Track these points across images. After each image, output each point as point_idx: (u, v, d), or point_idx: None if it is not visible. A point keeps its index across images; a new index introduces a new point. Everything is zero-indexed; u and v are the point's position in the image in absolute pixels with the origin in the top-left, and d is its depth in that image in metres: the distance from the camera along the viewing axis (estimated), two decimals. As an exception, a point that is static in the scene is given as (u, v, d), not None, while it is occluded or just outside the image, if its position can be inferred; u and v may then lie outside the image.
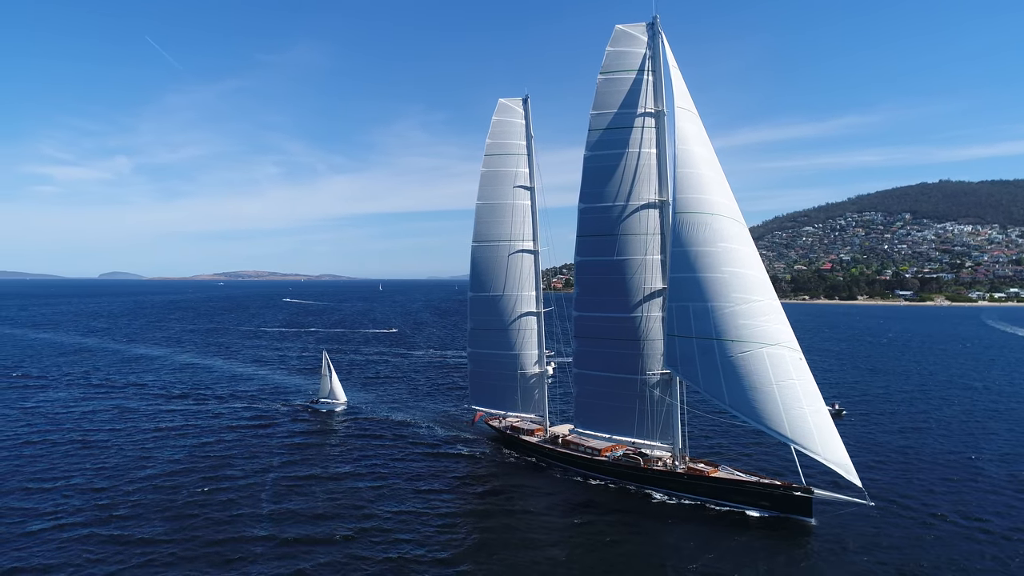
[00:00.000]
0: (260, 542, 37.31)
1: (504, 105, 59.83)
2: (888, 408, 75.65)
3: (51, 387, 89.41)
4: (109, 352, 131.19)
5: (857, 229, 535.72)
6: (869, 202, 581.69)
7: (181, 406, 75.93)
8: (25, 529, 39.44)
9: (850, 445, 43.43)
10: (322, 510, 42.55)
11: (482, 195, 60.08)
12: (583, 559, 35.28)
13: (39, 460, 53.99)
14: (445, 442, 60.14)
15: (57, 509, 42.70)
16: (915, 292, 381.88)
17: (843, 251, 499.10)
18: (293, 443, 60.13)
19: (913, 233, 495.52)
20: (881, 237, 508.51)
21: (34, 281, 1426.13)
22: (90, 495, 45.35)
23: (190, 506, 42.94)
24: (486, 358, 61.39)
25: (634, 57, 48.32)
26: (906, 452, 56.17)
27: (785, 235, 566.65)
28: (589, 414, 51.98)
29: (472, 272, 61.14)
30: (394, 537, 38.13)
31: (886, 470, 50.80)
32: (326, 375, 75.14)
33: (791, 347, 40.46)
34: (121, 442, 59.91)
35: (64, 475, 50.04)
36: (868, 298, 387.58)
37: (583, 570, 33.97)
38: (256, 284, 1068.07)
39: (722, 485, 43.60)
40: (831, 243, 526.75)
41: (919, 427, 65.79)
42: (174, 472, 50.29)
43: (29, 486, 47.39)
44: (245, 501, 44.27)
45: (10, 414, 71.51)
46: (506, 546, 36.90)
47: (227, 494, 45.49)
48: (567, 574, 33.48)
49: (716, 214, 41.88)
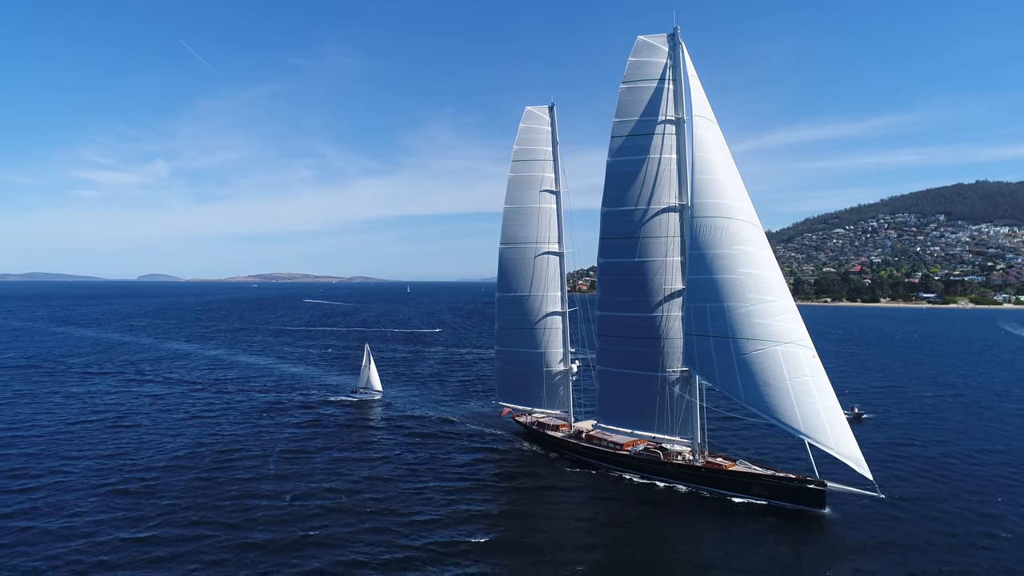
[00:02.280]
0: (286, 514, 40.60)
1: (531, 112, 62.25)
2: (908, 411, 76.30)
3: (95, 377, 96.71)
4: (147, 348, 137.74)
5: (889, 231, 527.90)
6: (902, 203, 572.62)
7: (223, 395, 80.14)
8: (70, 487, 46.60)
9: (868, 447, 44.85)
10: (352, 492, 45.63)
11: (509, 199, 62.55)
12: (605, 546, 37.12)
13: (83, 434, 62.53)
14: (473, 436, 62.67)
15: (95, 477, 48.85)
16: (938, 294, 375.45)
17: (874, 253, 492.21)
18: (331, 429, 64.73)
19: (947, 235, 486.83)
20: (914, 239, 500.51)
21: (76, 282, 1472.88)
22: (126, 470, 49.88)
23: (212, 476, 47.51)
24: (513, 356, 63.80)
25: (655, 67, 50.36)
26: (922, 452, 57.23)
27: (815, 237, 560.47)
28: (612, 410, 54.00)
29: (500, 273, 63.64)
30: (422, 522, 40.52)
31: (901, 468, 51.92)
32: (366, 366, 79.04)
33: (804, 345, 42.16)
34: (163, 424, 66.39)
35: (103, 447, 57.61)
36: (891, 300, 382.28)
37: (605, 556, 35.83)
38: (289, 286, 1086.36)
39: (739, 478, 45.28)
40: (862, 245, 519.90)
41: (937, 428, 66.59)
42: (217, 451, 54.67)
43: (75, 454, 55.16)
44: (278, 477, 48.11)
45: (58, 399, 79.42)
46: (531, 534, 38.92)
47: (254, 471, 49.76)
48: (590, 560, 35.27)
49: (732, 218, 43.78)
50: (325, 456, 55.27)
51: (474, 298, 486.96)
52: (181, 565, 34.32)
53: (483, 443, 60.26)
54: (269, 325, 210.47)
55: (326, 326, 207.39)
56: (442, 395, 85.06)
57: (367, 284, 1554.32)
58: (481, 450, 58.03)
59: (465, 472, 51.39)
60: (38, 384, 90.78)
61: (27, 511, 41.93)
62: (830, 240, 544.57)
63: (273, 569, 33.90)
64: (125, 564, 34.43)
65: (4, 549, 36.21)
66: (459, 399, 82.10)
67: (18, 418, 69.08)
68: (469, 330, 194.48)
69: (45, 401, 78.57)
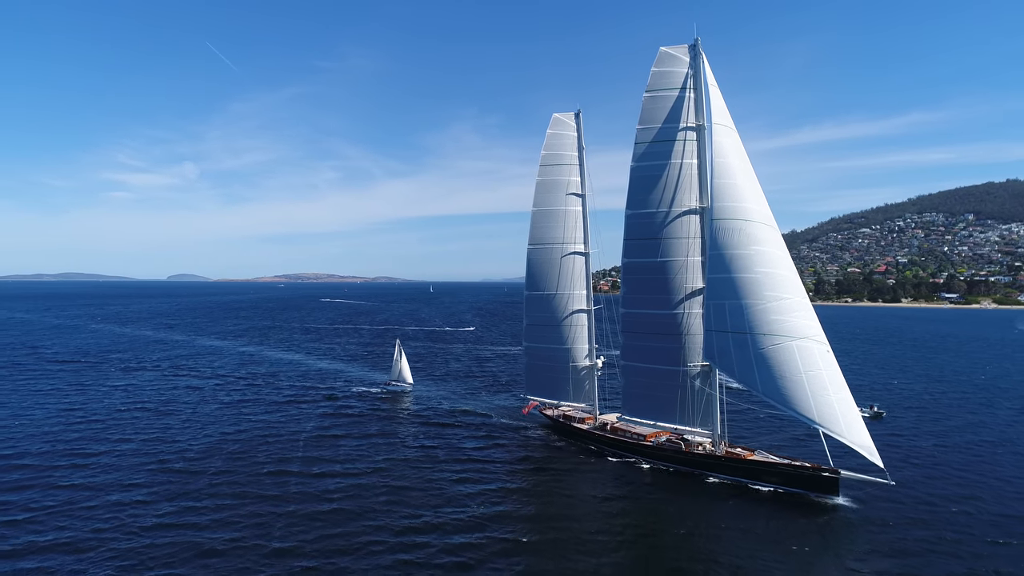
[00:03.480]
0: (316, 491, 44.40)
1: (558, 119, 65.18)
2: (926, 408, 77.89)
3: (135, 371, 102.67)
4: (181, 344, 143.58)
5: (916, 230, 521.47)
6: (930, 202, 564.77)
7: (256, 387, 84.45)
8: (120, 465, 52.25)
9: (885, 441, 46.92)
10: (383, 478, 49.16)
11: (537, 202, 65.54)
12: (630, 530, 39.59)
13: (129, 421, 67.99)
14: (501, 428, 65.75)
15: (142, 456, 54.38)
16: (961, 295, 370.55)
17: (900, 253, 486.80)
18: (363, 417, 69.51)
19: (975, 235, 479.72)
20: (941, 239, 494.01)
21: (108, 282, 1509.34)
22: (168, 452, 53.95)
23: (248, 455, 52.61)
24: (540, 352, 66.76)
25: (677, 76, 53.01)
26: (937, 447, 59.14)
27: (840, 237, 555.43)
28: (635, 403, 56.69)
29: (528, 272, 66.67)
30: (452, 508, 43.34)
31: (915, 463, 53.94)
32: (397, 360, 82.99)
33: (819, 340, 44.59)
34: (201, 412, 72.09)
35: (148, 432, 63.33)
36: (912, 301, 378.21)
37: (629, 539, 38.29)
38: (315, 286, 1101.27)
39: (757, 467, 47.70)
40: (888, 245, 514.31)
41: (957, 427, 68.25)
42: (253, 435, 58.96)
43: (124, 437, 60.96)
44: (313, 459, 53.06)
45: (104, 390, 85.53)
46: (559, 518, 41.53)
47: (286, 452, 54.24)
48: (615, 543, 37.66)
49: (750, 220, 46.36)
50: (361, 441, 59.69)
51: (495, 298, 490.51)
52: (222, 530, 38.73)
53: (511, 434, 63.26)
54: (295, 323, 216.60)
55: (350, 324, 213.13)
56: (470, 389, 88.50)
57: (391, 284, 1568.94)
58: (510, 441, 61.00)
59: (494, 460, 54.46)
60: (85, 376, 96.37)
61: (86, 484, 47.07)
62: (855, 240, 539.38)
63: (303, 532, 38.30)
64: (172, 527, 39.19)
65: (66, 514, 41.01)
66: (487, 393, 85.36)
67: (72, 406, 74.52)
68: (490, 328, 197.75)
69: (93, 391, 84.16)
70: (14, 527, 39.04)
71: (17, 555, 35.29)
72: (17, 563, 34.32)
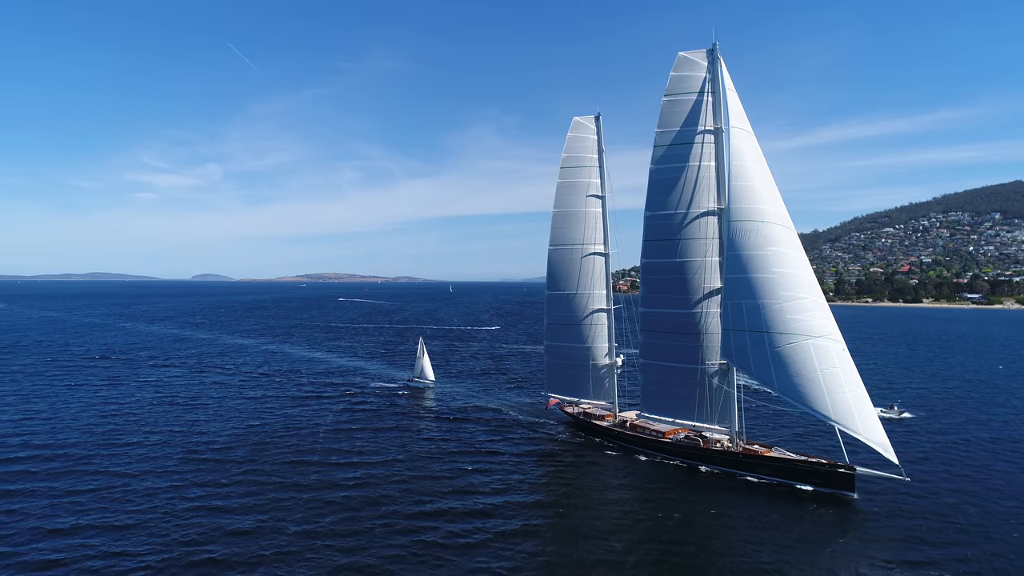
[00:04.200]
0: (344, 480, 46.28)
1: (578, 123, 66.49)
2: (945, 408, 78.02)
3: (163, 367, 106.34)
4: (207, 342, 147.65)
5: (941, 230, 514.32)
6: (956, 201, 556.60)
7: (279, 383, 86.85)
8: (153, 454, 55.40)
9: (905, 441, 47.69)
10: (404, 468, 51.27)
11: (558, 203, 66.91)
12: (648, 525, 40.67)
13: (160, 413, 71.54)
14: (522, 424, 67.20)
15: (173, 446, 56.91)
16: (983, 295, 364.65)
17: (924, 253, 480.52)
18: (386, 411, 72.42)
19: (1002, 234, 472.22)
20: (967, 238, 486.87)
21: (134, 282, 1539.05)
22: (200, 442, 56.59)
23: (273, 442, 54.35)
24: (561, 350, 68.10)
25: (695, 81, 54.10)
26: (954, 445, 59.56)
27: (863, 236, 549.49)
28: (654, 400, 57.85)
29: (549, 272, 68.07)
30: (471, 497, 45.00)
31: (932, 460, 54.48)
32: (420, 357, 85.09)
33: (834, 339, 45.46)
34: (226, 405, 75.19)
35: (177, 423, 66.64)
36: (933, 301, 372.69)
37: (648, 533, 39.29)
38: (336, 286, 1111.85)
39: (774, 463, 48.58)
40: (912, 245, 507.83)
41: (973, 425, 68.48)
42: (276, 426, 61.40)
43: (156, 428, 64.32)
44: (333, 450, 55.79)
45: (136, 384, 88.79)
46: (579, 512, 42.78)
47: (309, 442, 55.76)
48: (633, 537, 38.74)
49: (766, 221, 47.36)
50: (381, 434, 62.36)
51: (513, 298, 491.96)
52: (246, 513, 41.62)
53: (532, 430, 64.71)
54: (317, 322, 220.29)
55: (369, 323, 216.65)
56: (491, 386, 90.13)
57: (411, 284, 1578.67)
58: (530, 436, 62.44)
59: (514, 454, 55.94)
60: (117, 372, 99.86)
61: (121, 471, 50.03)
62: (879, 240, 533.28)
63: (322, 515, 41.05)
64: (201, 509, 42.20)
65: (105, 498, 44.17)
66: (508, 390, 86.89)
67: (106, 400, 77.88)
68: (510, 328, 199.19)
69: (125, 386, 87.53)
70: (58, 508, 41.95)
71: (62, 534, 38.03)
72: (63, 540, 37.07)
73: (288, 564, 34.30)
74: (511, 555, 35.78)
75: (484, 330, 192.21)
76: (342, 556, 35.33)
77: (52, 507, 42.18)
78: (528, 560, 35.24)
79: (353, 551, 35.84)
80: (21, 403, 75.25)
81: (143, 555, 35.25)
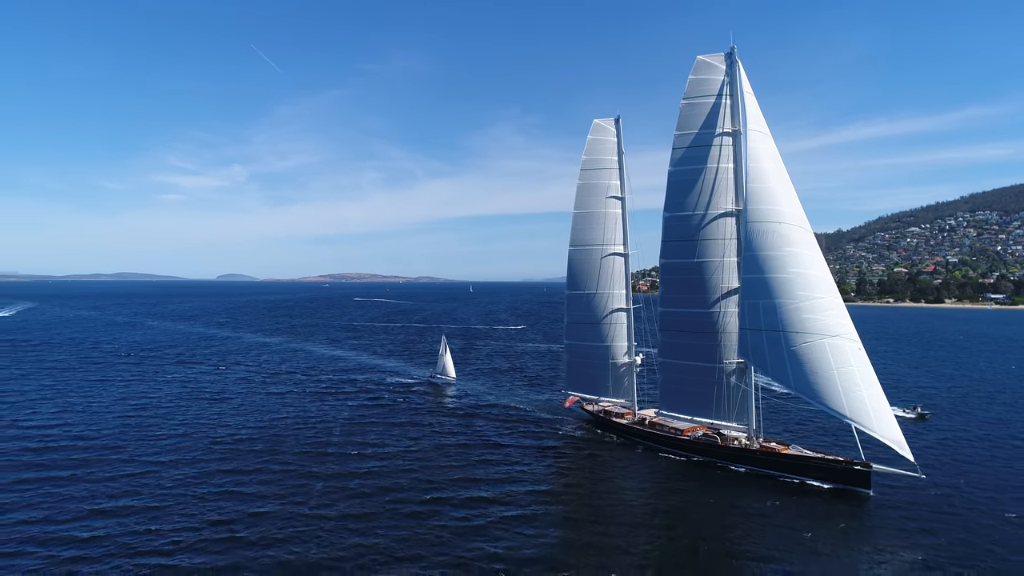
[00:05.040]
0: (368, 471, 48.35)
1: (598, 125, 67.56)
2: (970, 410, 77.87)
3: (190, 363, 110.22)
4: (232, 340, 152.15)
5: (968, 229, 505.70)
6: (984, 200, 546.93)
7: (301, 378, 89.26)
8: (183, 444, 58.59)
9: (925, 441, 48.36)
10: (423, 459, 53.18)
11: (578, 205, 68.06)
12: (667, 520, 41.53)
13: (187, 407, 74.79)
14: (543, 420, 68.46)
15: (198, 437, 60.36)
16: (1008, 295, 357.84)
17: (950, 253, 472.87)
18: (412, 408, 74.42)
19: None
20: (995, 238, 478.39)
21: (161, 282, 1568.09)
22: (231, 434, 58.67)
23: (294, 434, 56.98)
24: (581, 349, 69.23)
25: (713, 84, 54.96)
26: (973, 444, 59.72)
27: (888, 236, 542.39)
28: (673, 399, 58.76)
29: (569, 273, 69.23)
30: (491, 487, 46.51)
31: (952, 459, 54.83)
32: (442, 355, 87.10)
33: (850, 338, 46.10)
34: (251, 398, 78.62)
35: (204, 416, 69.62)
36: (956, 301, 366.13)
37: (667, 528, 40.25)
38: (358, 286, 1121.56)
39: (791, 461, 49.29)
40: (937, 244, 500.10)
41: (995, 427, 68.40)
42: (299, 418, 64.10)
43: (184, 421, 67.29)
44: (355, 443, 58.30)
45: (165, 379, 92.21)
46: (598, 507, 43.55)
47: (328, 434, 57.87)
48: (648, 531, 39.63)
49: (783, 222, 48.12)
50: (401, 428, 64.66)
51: (533, 298, 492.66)
52: (267, 497, 44.55)
53: (552, 426, 65.93)
54: (337, 321, 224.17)
55: (388, 322, 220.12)
56: (511, 383, 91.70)
57: (433, 284, 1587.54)
58: (551, 432, 63.65)
59: (534, 448, 57.28)
60: (145, 368, 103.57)
61: (151, 460, 53.27)
62: (904, 239, 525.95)
63: (338, 500, 44.15)
64: (225, 494, 45.37)
65: (137, 482, 47.68)
66: (528, 388, 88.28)
67: (137, 393, 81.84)
68: (530, 328, 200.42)
69: (153, 381, 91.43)
70: (94, 491, 45.50)
71: (102, 514, 41.18)
72: (103, 520, 40.35)
73: (303, 541, 37.12)
74: (531, 540, 37.15)
75: (501, 329, 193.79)
76: (352, 536, 37.87)
77: (91, 490, 45.62)
78: (544, 544, 36.70)
79: (363, 533, 38.43)
80: (58, 396, 78.95)
81: (172, 532, 38.30)
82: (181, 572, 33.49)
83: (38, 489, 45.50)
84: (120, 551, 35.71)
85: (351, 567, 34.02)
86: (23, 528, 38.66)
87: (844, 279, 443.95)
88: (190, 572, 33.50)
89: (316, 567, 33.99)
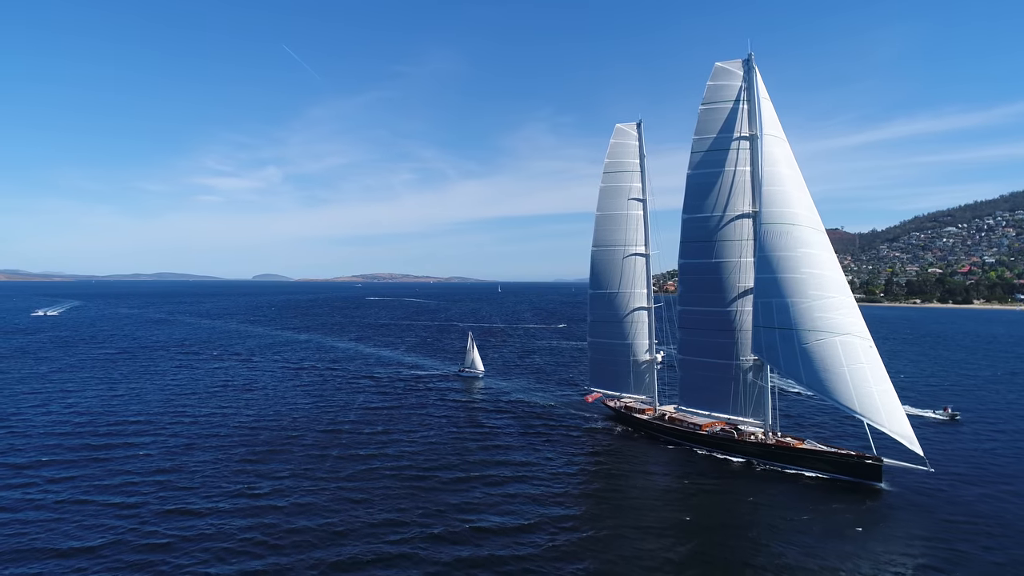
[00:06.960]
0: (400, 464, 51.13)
1: (620, 130, 69.69)
2: (995, 408, 78.07)
3: (227, 357, 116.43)
4: (267, 336, 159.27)
5: (1007, 229, 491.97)
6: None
7: (333, 371, 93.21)
8: (221, 425, 65.57)
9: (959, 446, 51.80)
10: (457, 453, 55.67)
11: (601, 206, 70.26)
12: (686, 510, 43.27)
13: (223, 394, 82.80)
14: (566, 415, 70.81)
15: (232, 421, 64.55)
16: None
17: (987, 253, 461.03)
18: (443, 400, 78.84)
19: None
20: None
21: (198, 282, 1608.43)
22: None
23: (319, 417, 61.76)
24: (604, 347, 71.39)
25: (731, 90, 56.76)
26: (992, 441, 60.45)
27: (923, 236, 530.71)
28: (691, 395, 60.69)
29: (592, 272, 71.47)
30: (514, 476, 49.23)
31: (963, 455, 55.75)
32: (470, 350, 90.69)
33: (861, 336, 47.60)
34: (282, 388, 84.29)
35: (236, 403, 76.75)
36: (985, 302, 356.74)
37: (681, 519, 41.79)
38: (390, 286, 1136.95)
39: (806, 455, 50.84)
40: (974, 244, 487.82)
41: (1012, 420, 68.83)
42: (331, 406, 67.72)
43: (220, 407, 74.07)
44: (387, 431, 61.56)
45: (205, 371, 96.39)
46: (620, 498, 45.74)
47: (364, 423, 62.48)
48: (667, 522, 41.30)
49: (797, 224, 49.80)
50: (432, 417, 68.93)
51: (559, 298, 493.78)
52: (283, 465, 52.16)
53: (575, 421, 68.24)
54: (367, 319, 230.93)
55: (413, 320, 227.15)
56: (537, 379, 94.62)
57: (463, 284, 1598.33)
58: (574, 427, 65.97)
59: (558, 441, 59.69)
60: (184, 361, 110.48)
61: (190, 439, 60.48)
62: (939, 239, 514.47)
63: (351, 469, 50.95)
64: (251, 462, 53.33)
65: (177, 456, 55.17)
66: (553, 384, 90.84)
67: (175, 382, 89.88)
68: (547, 327, 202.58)
69: (196, 371, 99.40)
70: (143, 459, 54.12)
71: (146, 482, 48.08)
72: (146, 485, 47.44)
73: (314, 495, 44.66)
74: (554, 524, 39.69)
75: (522, 327, 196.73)
76: (355, 494, 44.98)
77: (137, 459, 53.86)
78: (565, 528, 39.13)
79: (365, 492, 45.29)
80: (104, 386, 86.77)
81: (203, 492, 45.71)
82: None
83: (96, 455, 54.74)
84: (154, 509, 42.67)
85: (384, 543, 37.02)
86: (77, 483, 47.59)
87: (876, 280, 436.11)
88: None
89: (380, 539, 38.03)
